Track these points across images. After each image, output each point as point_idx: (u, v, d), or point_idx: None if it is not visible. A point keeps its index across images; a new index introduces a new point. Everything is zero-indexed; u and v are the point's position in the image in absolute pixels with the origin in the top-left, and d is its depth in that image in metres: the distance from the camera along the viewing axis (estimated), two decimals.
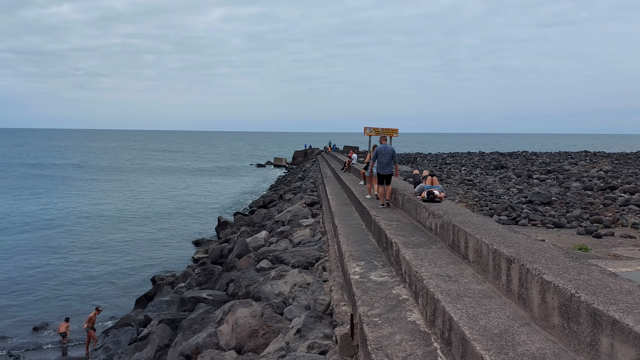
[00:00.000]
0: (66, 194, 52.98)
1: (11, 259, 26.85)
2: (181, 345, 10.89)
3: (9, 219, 38.02)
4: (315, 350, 7.29)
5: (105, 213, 41.41)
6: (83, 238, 32.16)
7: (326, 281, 10.85)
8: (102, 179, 69.54)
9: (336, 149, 74.47)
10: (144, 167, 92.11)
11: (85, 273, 24.75)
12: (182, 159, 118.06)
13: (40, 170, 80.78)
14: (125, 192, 55.30)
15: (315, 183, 37.84)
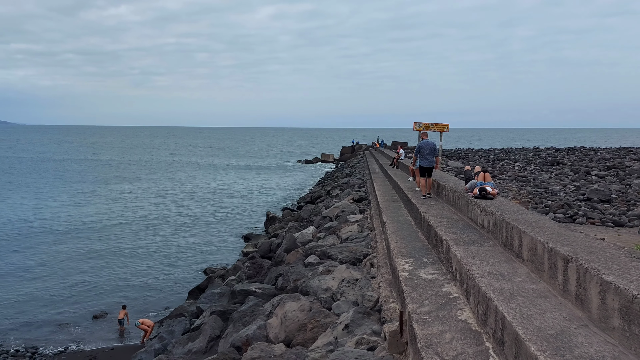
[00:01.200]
0: (120, 190, 55.18)
1: (71, 251, 28.26)
2: (232, 337, 11.15)
3: (68, 212, 40.01)
4: (364, 346, 7.29)
5: (160, 208, 42.88)
6: (139, 231, 33.43)
7: (374, 277, 10.81)
8: (155, 176, 71.92)
9: (384, 144, 73.91)
10: (196, 164, 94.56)
11: (141, 265, 25.73)
12: (231, 155, 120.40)
13: (95, 166, 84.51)
14: (179, 188, 56.98)
15: (363, 179, 37.70)
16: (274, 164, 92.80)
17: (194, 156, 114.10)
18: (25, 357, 15.58)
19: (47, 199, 47.05)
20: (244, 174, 72.81)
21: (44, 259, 26.31)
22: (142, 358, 13.95)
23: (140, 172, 74.22)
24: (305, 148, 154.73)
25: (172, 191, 53.26)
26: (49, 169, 77.59)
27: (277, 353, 8.68)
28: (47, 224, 35.19)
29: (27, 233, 32.22)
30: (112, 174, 70.84)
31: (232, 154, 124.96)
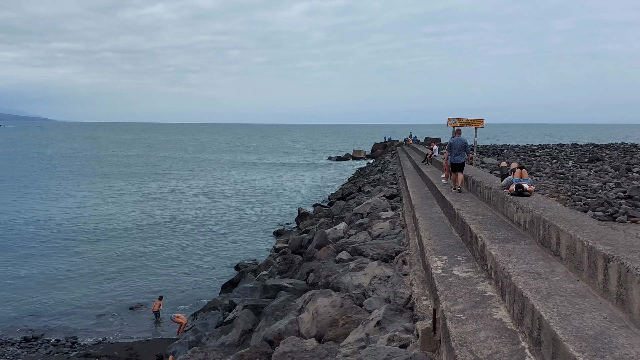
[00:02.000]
0: (154, 187, 56.36)
1: (107, 246, 29.05)
2: (264, 331, 11.26)
3: (104, 208, 41.15)
4: (396, 343, 7.26)
5: (193, 205, 43.64)
6: (173, 227, 34.09)
7: (406, 275, 10.73)
8: (187, 173, 73.15)
9: (417, 140, 73.17)
10: (228, 161, 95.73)
11: (175, 259, 26.25)
12: (263, 152, 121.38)
13: (128, 161, 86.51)
14: (211, 185, 57.83)
15: (395, 175, 37.43)
16: (305, 161, 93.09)
17: (225, 153, 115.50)
18: (65, 347, 16.11)
19: (82, 195, 48.47)
20: (276, 171, 73.31)
21: (82, 253, 27.15)
22: (177, 350, 14.23)
23: (173, 169, 75.63)
24: (336, 145, 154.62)
25: (205, 188, 54.08)
26: (87, 165, 79.89)
27: (309, 348, 8.72)
28: (82, 220, 36.27)
29: (64, 229, 33.29)
30: (146, 171, 72.40)
31: (263, 150, 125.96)
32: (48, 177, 61.65)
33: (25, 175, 63.79)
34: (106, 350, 15.59)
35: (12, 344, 16.23)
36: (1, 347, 15.89)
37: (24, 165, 77.05)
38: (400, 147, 69.81)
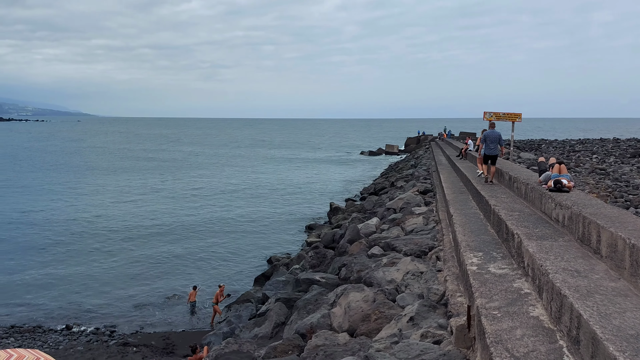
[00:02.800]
0: (188, 180, 57.35)
1: (144, 237, 29.78)
2: (297, 324, 11.36)
3: (140, 200, 42.15)
4: (429, 339, 7.21)
5: (226, 198, 44.26)
6: (207, 220, 34.68)
7: (440, 271, 10.63)
8: (220, 167, 74.12)
9: (451, 135, 72.15)
10: (261, 155, 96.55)
11: (209, 252, 26.72)
12: (295, 147, 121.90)
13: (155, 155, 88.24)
14: (244, 179, 58.49)
15: (429, 170, 37.02)
16: (337, 156, 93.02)
17: (257, 147, 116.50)
18: (104, 335, 16.63)
19: (119, 190, 49.75)
20: (308, 165, 73.55)
21: (119, 245, 27.93)
22: (212, 340, 14.50)
23: (206, 164, 76.77)
24: (368, 139, 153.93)
25: (238, 182, 54.74)
26: (124, 160, 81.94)
27: (341, 342, 8.75)
28: (119, 214, 37.25)
29: (102, 223, 34.29)
30: (181, 165, 73.75)
31: (295, 145, 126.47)
32: (85, 173, 63.55)
33: (64, 170, 65.97)
34: (144, 340, 16.02)
35: (55, 332, 16.86)
36: (44, 335, 16.53)
37: (65, 160, 79.63)
38: (434, 142, 68.97)
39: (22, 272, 22.91)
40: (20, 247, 27.06)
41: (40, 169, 65.48)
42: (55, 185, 50.11)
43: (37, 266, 23.85)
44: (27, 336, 16.23)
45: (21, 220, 33.54)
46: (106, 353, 14.59)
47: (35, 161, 75.98)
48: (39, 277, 22.31)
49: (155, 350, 15.15)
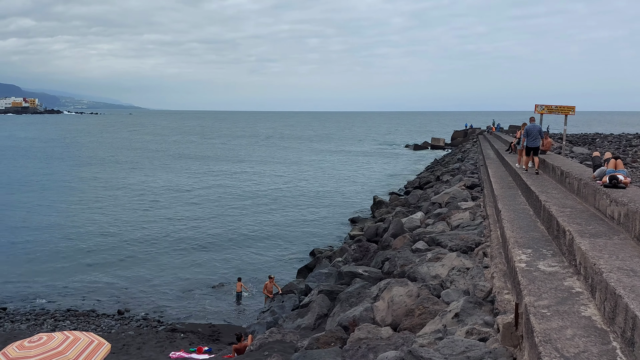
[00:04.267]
0: (233, 171, 58.34)
1: (190, 228, 30.56)
2: (339, 316, 11.40)
3: (189, 190, 43.24)
4: (475, 336, 7.08)
5: (270, 191, 44.81)
6: (251, 211, 35.24)
7: (487, 267, 10.40)
8: (265, 159, 74.98)
9: (500, 128, 70.23)
10: (305, 148, 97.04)
11: (254, 243, 27.17)
12: (340, 139, 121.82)
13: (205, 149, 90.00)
14: (287, 171, 59.00)
15: (476, 165, 36.21)
16: (381, 148, 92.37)
17: (303, 140, 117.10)
18: (154, 321, 17.24)
19: (168, 179, 51.16)
20: (351, 158, 73.39)
21: (166, 235, 28.79)
22: (256, 329, 14.77)
23: (252, 155, 77.83)
24: (413, 132, 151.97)
25: (282, 175, 55.29)
26: (175, 150, 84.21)
27: (384, 336, 8.72)
28: (166, 204, 38.36)
29: (149, 212, 35.41)
30: (226, 155, 75.07)
31: (340, 138, 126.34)
32: (136, 163, 65.70)
33: (119, 158, 68.48)
34: (191, 327, 16.49)
35: (107, 317, 17.61)
36: (98, 319, 17.28)
37: (119, 150, 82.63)
38: (482, 135, 67.35)
39: (77, 259, 24.01)
40: (75, 235, 28.34)
41: (92, 161, 68.26)
42: (103, 175, 52.13)
43: (91, 253, 24.93)
44: (82, 320, 17.02)
45: (74, 209, 35.12)
46: (155, 338, 15.11)
47: (91, 153, 79.24)
48: (92, 264, 23.32)
49: (202, 337, 15.58)
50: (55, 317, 17.23)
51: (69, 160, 66.77)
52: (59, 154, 75.09)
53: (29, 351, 6.82)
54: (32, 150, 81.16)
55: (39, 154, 75.46)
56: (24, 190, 42.88)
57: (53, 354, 6.76)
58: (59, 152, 78.15)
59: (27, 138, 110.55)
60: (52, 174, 53.34)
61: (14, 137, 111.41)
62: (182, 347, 14.03)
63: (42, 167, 59.38)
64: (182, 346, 14.22)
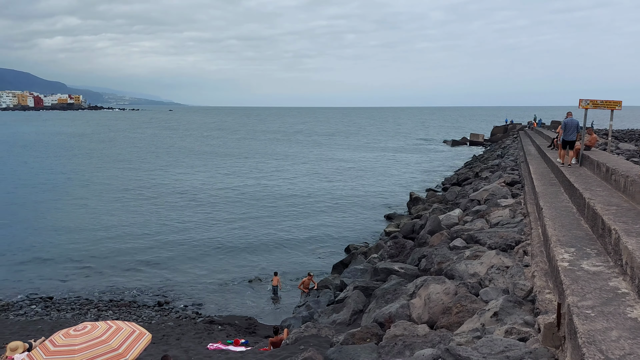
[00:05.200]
0: (268, 166, 58.80)
1: (225, 223, 31.01)
2: (375, 313, 11.36)
3: (228, 184, 43.89)
4: (514, 336, 6.93)
5: (305, 185, 44.97)
6: (286, 206, 35.47)
7: (527, 266, 10.15)
8: (299, 154, 75.22)
9: (542, 124, 68.32)
10: (342, 143, 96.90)
11: (289, 238, 27.34)
12: (375, 134, 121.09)
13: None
14: (322, 166, 59.06)
15: (517, 161, 35.36)
16: (419, 144, 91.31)
17: (339, 135, 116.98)
18: (192, 313, 17.61)
19: (210, 174, 52.00)
20: (388, 154, 72.86)
21: (203, 228, 29.32)
22: (292, 324, 14.89)
23: (288, 150, 78.25)
24: (451, 128, 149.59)
25: (317, 170, 55.38)
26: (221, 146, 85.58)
27: (421, 333, 8.64)
28: (203, 199, 39.01)
29: (190, 203, 36.11)
30: (262, 150, 75.76)
31: (376, 133, 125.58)
32: (174, 160, 67.08)
33: (160, 155, 70.14)
34: (228, 319, 16.77)
35: (148, 307, 18.10)
36: (138, 309, 17.79)
37: (158, 147, 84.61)
38: (523, 131, 65.70)
39: (119, 253, 24.74)
40: (116, 229, 29.21)
41: (131, 157, 70.11)
42: (140, 172, 53.48)
43: (132, 248, 25.65)
44: (124, 310, 17.55)
45: (116, 206, 36.20)
46: (194, 329, 15.43)
47: (131, 149, 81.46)
48: (133, 258, 23.99)
49: (239, 329, 15.81)
50: (98, 307, 17.83)
51: (113, 157, 68.85)
52: (106, 151, 77.54)
53: (74, 339, 7.08)
54: (80, 147, 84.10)
55: (87, 150, 78.13)
56: (67, 185, 44.53)
57: (97, 342, 7.00)
58: (105, 149, 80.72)
59: (73, 134, 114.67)
60: (97, 169, 55.16)
61: (61, 133, 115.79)
62: (219, 339, 14.28)
63: (90, 163, 61.49)
64: (220, 338, 14.47)
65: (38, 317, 16.81)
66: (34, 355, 7.10)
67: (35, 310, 17.47)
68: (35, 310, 17.46)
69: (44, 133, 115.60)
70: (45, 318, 16.65)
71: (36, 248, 25.03)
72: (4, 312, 17.27)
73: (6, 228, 28.79)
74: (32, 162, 60.42)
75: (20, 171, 52.45)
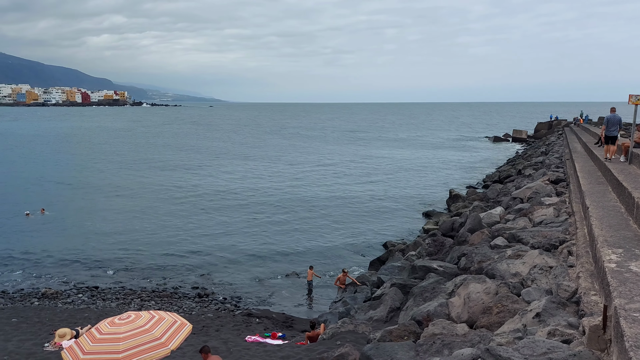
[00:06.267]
0: (305, 162, 58.98)
1: (263, 218, 31.33)
2: (412, 310, 11.27)
3: (267, 182, 44.33)
4: (557, 337, 6.74)
5: (344, 181, 44.93)
6: (324, 202, 35.53)
7: (572, 266, 9.84)
8: (338, 150, 75.14)
9: (588, 120, 65.95)
10: (380, 138, 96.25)
11: (326, 233, 27.42)
12: (414, 130, 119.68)
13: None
14: (361, 162, 58.83)
15: (562, 158, 34.29)
16: (459, 140, 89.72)
17: (377, 131, 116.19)
18: (231, 305, 17.91)
19: (246, 171, 52.66)
20: (427, 150, 71.93)
21: (242, 223, 29.73)
22: (328, 319, 14.94)
23: (327, 147, 78.30)
24: (493, 124, 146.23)
25: (355, 166, 55.23)
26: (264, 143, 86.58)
27: (460, 332, 8.52)
28: (241, 195, 39.52)
29: (231, 198, 36.68)
30: (302, 146, 76.09)
31: (415, 129, 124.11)
32: (216, 154, 68.19)
33: (200, 149, 71.54)
34: (265, 312, 16.97)
35: (188, 299, 18.52)
36: (179, 300, 18.23)
37: (199, 141, 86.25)
38: (568, 128, 63.61)
39: (161, 246, 25.41)
40: (158, 223, 29.99)
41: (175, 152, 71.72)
42: (179, 168, 54.63)
43: (173, 241, 26.29)
44: (165, 300, 18.02)
45: (164, 196, 37.16)
46: (232, 321, 15.70)
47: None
48: (174, 251, 24.59)
49: (276, 322, 15.99)
50: (141, 297, 18.36)
51: (161, 152, 70.62)
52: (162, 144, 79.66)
53: (119, 327, 7.32)
54: (127, 142, 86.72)
55: (133, 146, 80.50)
56: (115, 180, 46.01)
57: (140, 331, 7.21)
58: (162, 141, 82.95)
59: (122, 129, 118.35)
60: (143, 164, 56.78)
61: (109, 128, 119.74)
62: (257, 332, 14.48)
63: (136, 160, 63.35)
64: (258, 331, 14.67)
65: (85, 305, 17.47)
66: (81, 342, 7.39)
67: (82, 299, 18.15)
68: (82, 299, 18.15)
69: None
70: (92, 307, 17.29)
71: (84, 240, 26.00)
72: (53, 300, 18.02)
73: (55, 222, 30.03)
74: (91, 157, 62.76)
75: (71, 166, 54.59)
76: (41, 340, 13.21)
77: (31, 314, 15.98)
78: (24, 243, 25.15)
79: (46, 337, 13.41)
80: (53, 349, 12.46)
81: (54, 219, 30.34)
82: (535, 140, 77.91)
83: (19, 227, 28.22)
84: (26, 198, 35.78)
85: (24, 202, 33.89)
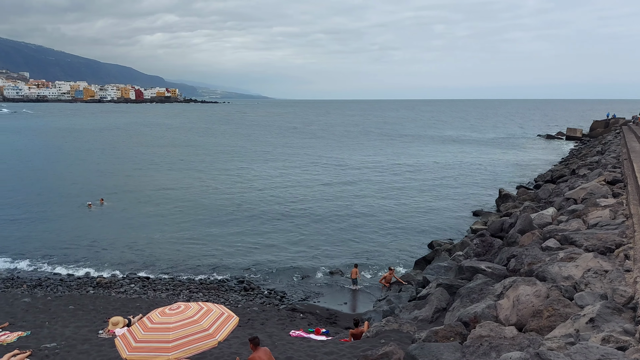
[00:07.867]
0: (350, 160, 58.78)
1: (308, 215, 31.49)
2: (459, 311, 11.07)
3: (303, 178, 44.54)
4: (612, 344, 6.47)
5: (390, 179, 44.58)
6: (370, 200, 35.38)
7: (629, 271, 9.42)
8: (382, 148, 74.52)
9: None
10: (429, 136, 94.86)
11: (371, 231, 27.30)
12: (463, 128, 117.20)
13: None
14: (408, 160, 58.18)
15: (619, 158, 32.75)
16: (510, 139, 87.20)
17: (424, 128, 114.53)
18: (276, 299, 18.15)
19: (284, 167, 53.09)
20: (477, 148, 70.31)
21: (288, 219, 30.01)
22: (372, 317, 14.91)
23: (374, 144, 77.84)
24: (547, 122, 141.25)
25: (403, 162, 54.68)
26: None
27: (508, 335, 8.31)
28: (283, 193, 39.85)
29: (276, 195, 37.09)
30: (346, 142, 75.96)
31: (464, 126, 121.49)
32: (266, 151, 69.12)
33: (257, 143, 72.72)
34: (309, 308, 17.11)
35: (234, 292, 18.91)
36: (226, 293, 18.63)
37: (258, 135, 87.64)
38: (626, 126, 60.68)
39: (209, 241, 26.03)
40: (208, 218, 30.73)
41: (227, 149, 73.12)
42: (233, 162, 55.62)
43: (221, 236, 26.88)
44: (213, 293, 18.46)
45: (213, 193, 38.04)
46: (277, 315, 15.92)
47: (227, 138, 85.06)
48: (221, 246, 25.14)
49: (320, 319, 16.09)
50: (190, 288, 18.90)
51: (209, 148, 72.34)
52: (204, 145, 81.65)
53: (170, 317, 7.57)
54: (180, 139, 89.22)
55: (186, 141, 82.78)
56: (170, 173, 47.46)
57: (190, 321, 7.43)
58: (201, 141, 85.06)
59: (176, 126, 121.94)
60: (195, 159, 58.29)
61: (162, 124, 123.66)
62: (301, 327, 14.61)
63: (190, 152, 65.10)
64: (302, 326, 14.81)
65: (137, 295, 18.14)
66: (133, 331, 7.69)
67: (134, 289, 18.85)
68: (134, 289, 18.85)
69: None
70: (143, 297, 17.93)
71: (137, 232, 27.00)
72: (107, 289, 18.82)
73: (113, 213, 31.31)
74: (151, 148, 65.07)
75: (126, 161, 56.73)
76: (96, 327, 13.83)
77: (87, 302, 16.76)
78: (85, 233, 26.48)
79: (100, 325, 14.03)
80: (107, 335, 13.02)
81: (113, 209, 31.77)
82: (590, 139, 74.76)
83: (82, 218, 29.75)
84: (93, 189, 37.73)
85: (86, 194, 35.73)
